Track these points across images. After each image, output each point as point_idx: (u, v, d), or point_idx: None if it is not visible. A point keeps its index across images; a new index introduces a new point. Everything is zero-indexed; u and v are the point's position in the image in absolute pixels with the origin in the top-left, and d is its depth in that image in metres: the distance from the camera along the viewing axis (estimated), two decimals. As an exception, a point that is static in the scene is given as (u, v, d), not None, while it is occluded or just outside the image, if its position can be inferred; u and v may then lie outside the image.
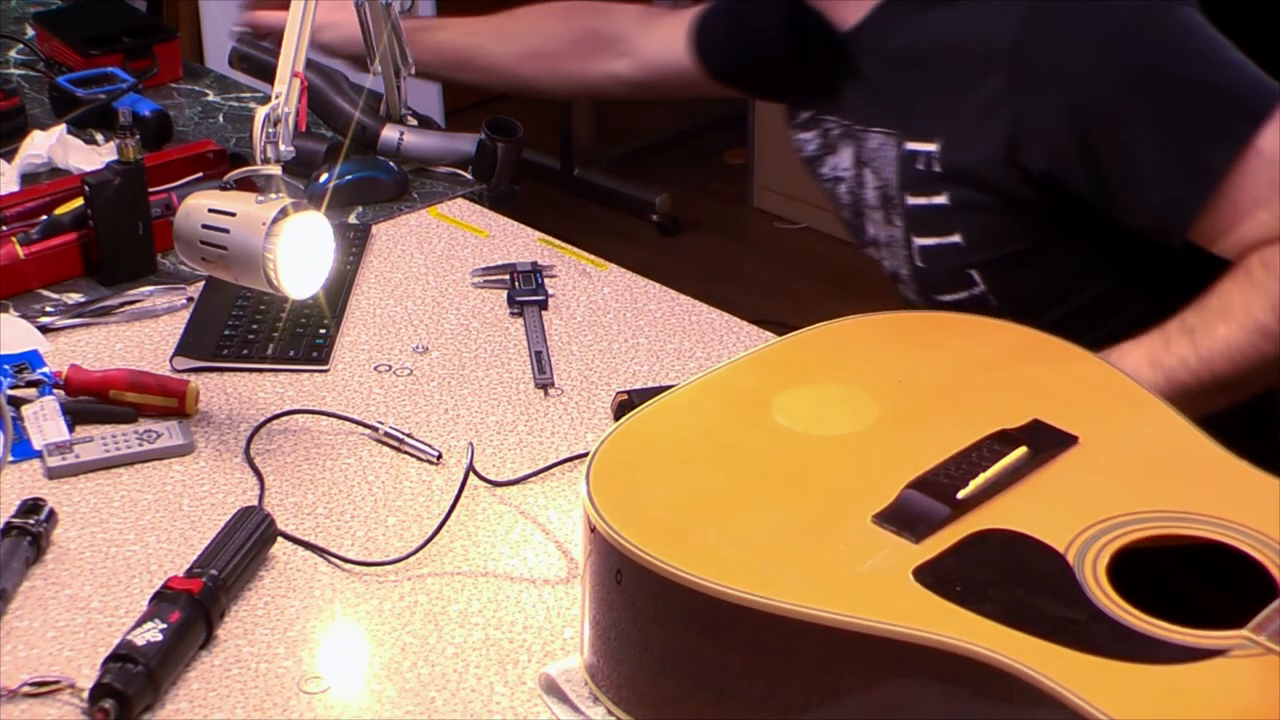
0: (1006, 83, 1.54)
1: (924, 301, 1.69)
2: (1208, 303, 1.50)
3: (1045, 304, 1.62)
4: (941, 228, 1.63)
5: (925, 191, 1.62)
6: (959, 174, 1.59)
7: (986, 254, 1.62)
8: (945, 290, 1.65)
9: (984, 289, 1.63)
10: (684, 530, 1.11)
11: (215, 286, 1.66)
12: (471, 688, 1.19)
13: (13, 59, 2.24)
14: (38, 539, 1.30)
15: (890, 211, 1.67)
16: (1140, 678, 0.98)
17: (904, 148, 1.63)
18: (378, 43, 1.87)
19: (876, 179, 1.67)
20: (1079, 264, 1.62)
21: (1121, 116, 1.51)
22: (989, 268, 1.62)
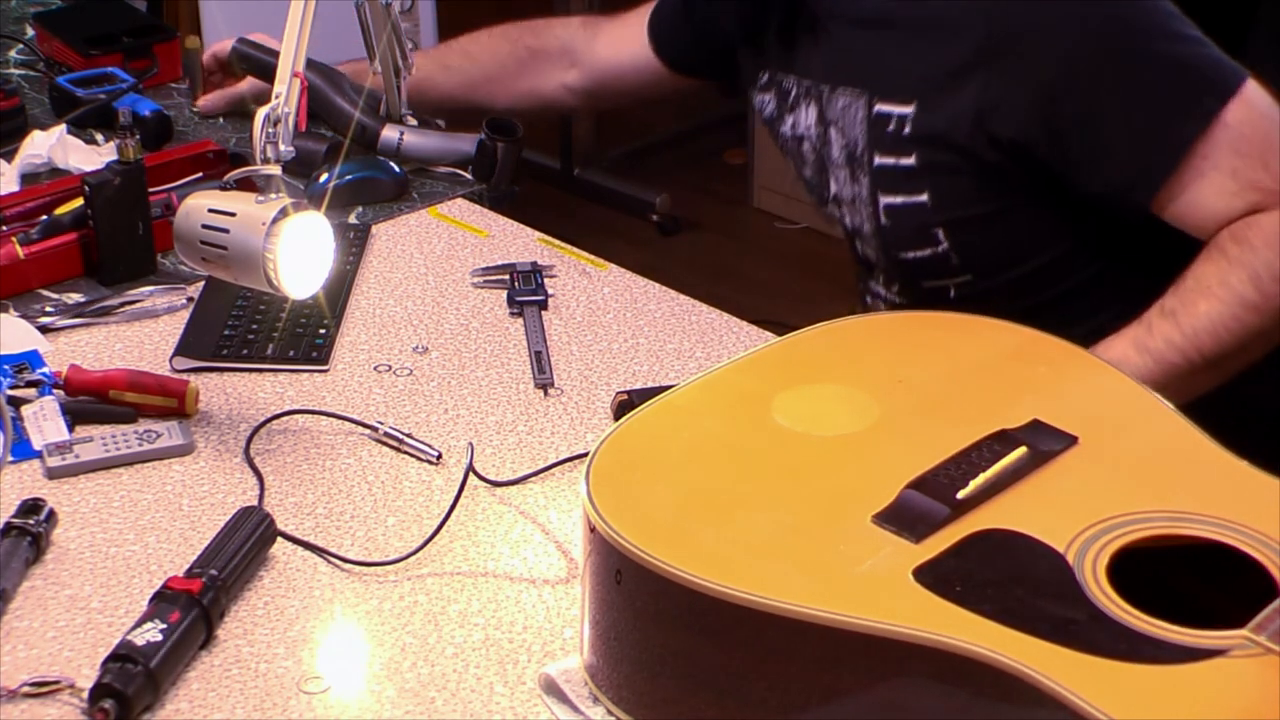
0: (976, 48, 1.57)
1: (883, 258, 1.71)
2: (1183, 285, 1.53)
3: (1005, 264, 1.66)
4: (909, 187, 1.65)
5: (894, 152, 1.64)
6: (929, 137, 1.61)
7: (952, 214, 1.64)
8: (908, 248, 1.68)
9: (946, 247, 1.65)
10: (684, 530, 1.11)
11: (215, 286, 1.66)
12: (471, 688, 1.19)
13: (13, 59, 2.24)
14: (38, 539, 1.30)
15: (856, 169, 1.68)
16: (1140, 678, 0.98)
17: (874, 109, 1.65)
18: (378, 43, 1.87)
19: (842, 138, 1.69)
20: (1041, 227, 1.65)
21: (1090, 86, 1.54)
22: (953, 227, 1.65)
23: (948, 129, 1.59)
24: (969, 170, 1.61)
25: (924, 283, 1.71)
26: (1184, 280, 1.54)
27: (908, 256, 1.68)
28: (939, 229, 1.65)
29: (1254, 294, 1.50)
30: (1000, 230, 1.65)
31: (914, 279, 1.71)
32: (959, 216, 1.64)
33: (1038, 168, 1.58)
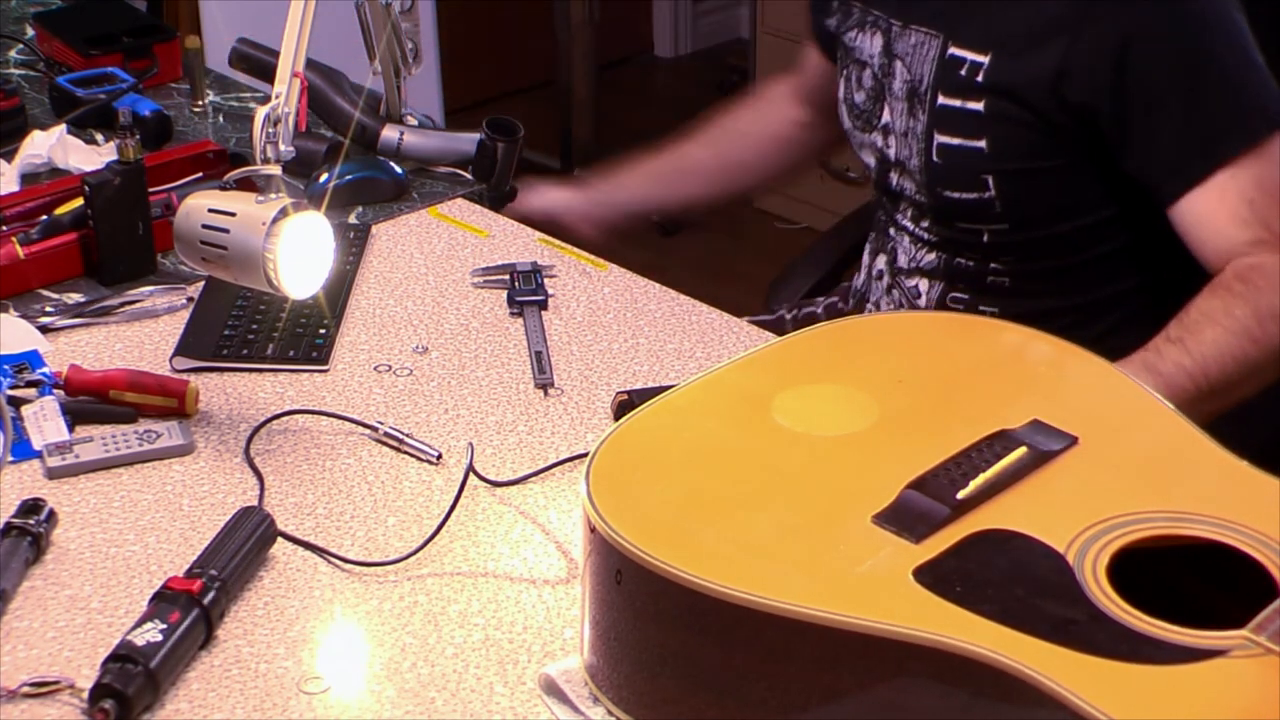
0: (1063, 12, 1.61)
1: (925, 194, 1.74)
2: (1188, 315, 1.57)
3: (1045, 220, 1.71)
4: (969, 132, 1.69)
5: (961, 96, 1.68)
6: (1002, 89, 1.66)
7: (1007, 164, 1.68)
8: (955, 188, 1.71)
9: (993, 194, 1.69)
10: (684, 530, 1.11)
11: (215, 286, 1.66)
12: (471, 688, 1.19)
13: (13, 59, 2.24)
14: (38, 539, 1.30)
15: (916, 105, 1.72)
16: (1140, 678, 0.98)
17: (948, 52, 1.69)
18: (378, 43, 1.87)
19: (908, 73, 1.72)
20: (1089, 191, 1.69)
21: (1161, 73, 1.59)
22: (1004, 176, 1.69)
23: (1024, 84, 1.64)
24: (1034, 126, 1.65)
25: (960, 223, 1.74)
26: (1188, 312, 1.57)
27: (952, 196, 1.72)
28: (990, 175, 1.69)
29: (1257, 328, 1.55)
30: (1049, 188, 1.70)
31: (951, 218, 1.75)
32: (1013, 168, 1.68)
33: (1098, 134, 1.63)
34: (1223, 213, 1.59)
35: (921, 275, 1.80)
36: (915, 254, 1.80)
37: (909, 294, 1.82)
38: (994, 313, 1.74)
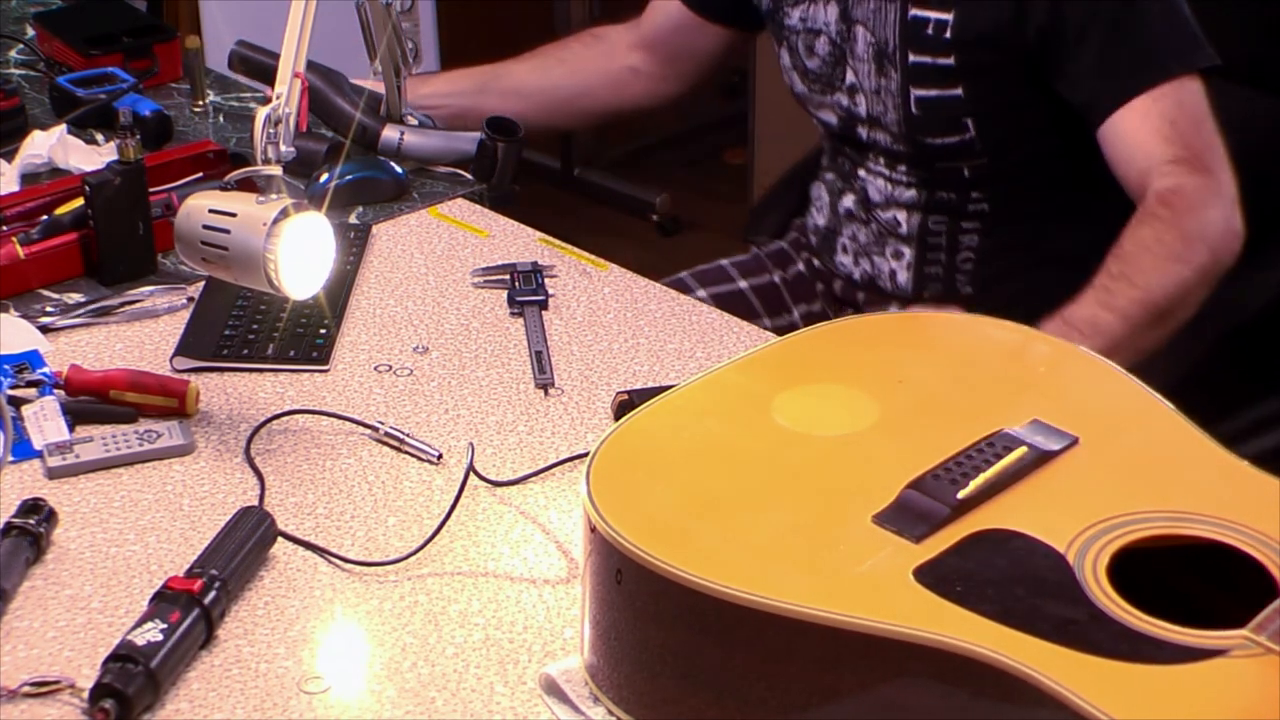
0: None
1: (905, 144, 1.83)
2: (1123, 249, 1.69)
3: (1024, 148, 1.84)
4: (945, 82, 1.78)
5: (931, 53, 1.77)
6: (971, 41, 1.74)
7: (986, 105, 1.78)
8: (936, 135, 1.82)
9: (973, 135, 1.80)
10: (684, 530, 1.11)
11: (215, 286, 1.66)
12: (471, 688, 1.19)
13: (13, 59, 2.24)
14: (38, 539, 1.30)
15: (886, 64, 1.80)
16: (1140, 678, 0.98)
17: (909, 14, 1.76)
18: (378, 43, 1.87)
19: (871, 36, 1.80)
20: (1059, 111, 1.79)
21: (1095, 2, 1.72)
22: (984, 116, 1.79)
23: (990, 31, 1.73)
24: (1006, 66, 1.75)
25: (940, 163, 1.84)
26: (1123, 245, 1.69)
27: (934, 142, 1.82)
28: (970, 119, 1.79)
29: (1186, 250, 1.67)
30: (1027, 118, 1.81)
31: (931, 160, 1.84)
32: (991, 108, 1.79)
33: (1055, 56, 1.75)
34: (1145, 130, 1.70)
35: (899, 208, 1.89)
36: (891, 191, 1.89)
37: (887, 225, 1.90)
38: (974, 236, 1.87)
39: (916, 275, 1.90)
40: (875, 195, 1.89)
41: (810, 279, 2.04)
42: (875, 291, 1.94)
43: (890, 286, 1.92)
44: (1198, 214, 1.67)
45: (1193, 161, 1.69)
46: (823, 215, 1.98)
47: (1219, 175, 1.70)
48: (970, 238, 1.87)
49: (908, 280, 1.90)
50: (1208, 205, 1.68)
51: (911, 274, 1.90)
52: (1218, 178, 1.69)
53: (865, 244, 1.93)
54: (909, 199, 1.87)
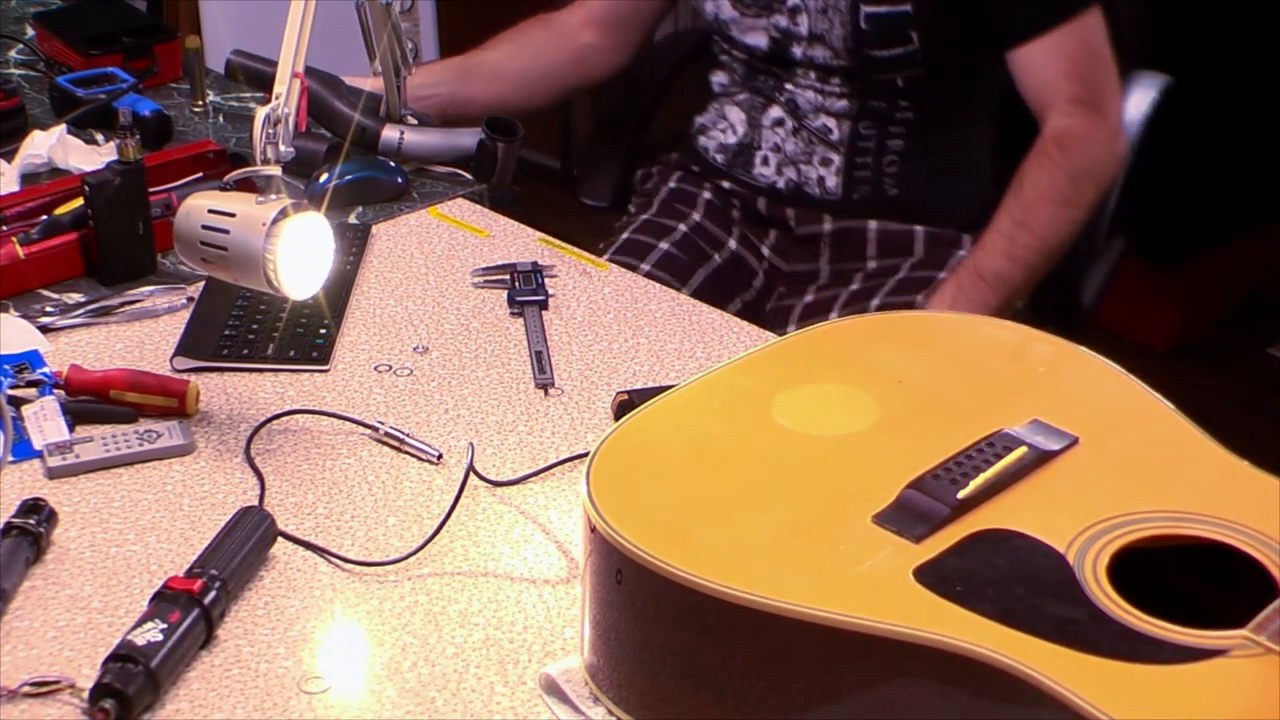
0: None
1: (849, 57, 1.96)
2: (1023, 192, 1.90)
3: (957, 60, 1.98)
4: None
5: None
6: None
7: (932, 18, 1.92)
8: (881, 48, 1.95)
9: (917, 46, 1.94)
10: (684, 530, 1.11)
11: (215, 286, 1.66)
12: (472, 688, 1.19)
13: (13, 59, 2.24)
14: (38, 539, 1.30)
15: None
16: (1140, 678, 0.98)
17: None
18: (378, 43, 1.87)
19: None
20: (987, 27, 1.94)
21: None
22: (930, 29, 1.93)
23: None
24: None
25: (877, 75, 1.98)
26: (1022, 187, 1.90)
27: (879, 54, 1.96)
28: (916, 32, 1.93)
29: (1075, 194, 1.90)
30: (964, 28, 1.94)
31: (869, 73, 1.98)
32: (937, 21, 1.92)
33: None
34: (1052, 68, 1.90)
35: (830, 116, 2.02)
36: (822, 101, 2.01)
37: (817, 133, 2.03)
38: (899, 141, 2.02)
39: (846, 180, 2.03)
40: (805, 105, 2.02)
41: (723, 207, 2.12)
42: (803, 201, 2.06)
43: (819, 192, 2.05)
44: (1088, 154, 1.91)
45: (1089, 101, 1.91)
46: (734, 134, 2.09)
47: (1109, 110, 1.93)
48: (896, 143, 2.01)
49: (837, 185, 2.04)
50: (1097, 143, 1.92)
51: (841, 179, 2.03)
52: (1108, 114, 1.93)
53: (792, 153, 2.05)
54: (840, 108, 2.00)
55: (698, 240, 2.08)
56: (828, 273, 2.08)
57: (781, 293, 2.10)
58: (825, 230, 2.06)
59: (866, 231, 2.05)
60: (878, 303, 2.00)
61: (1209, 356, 3.35)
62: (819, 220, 2.06)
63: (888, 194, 2.03)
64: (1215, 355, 3.36)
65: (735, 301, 2.08)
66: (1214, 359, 3.35)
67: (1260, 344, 3.40)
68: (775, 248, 2.11)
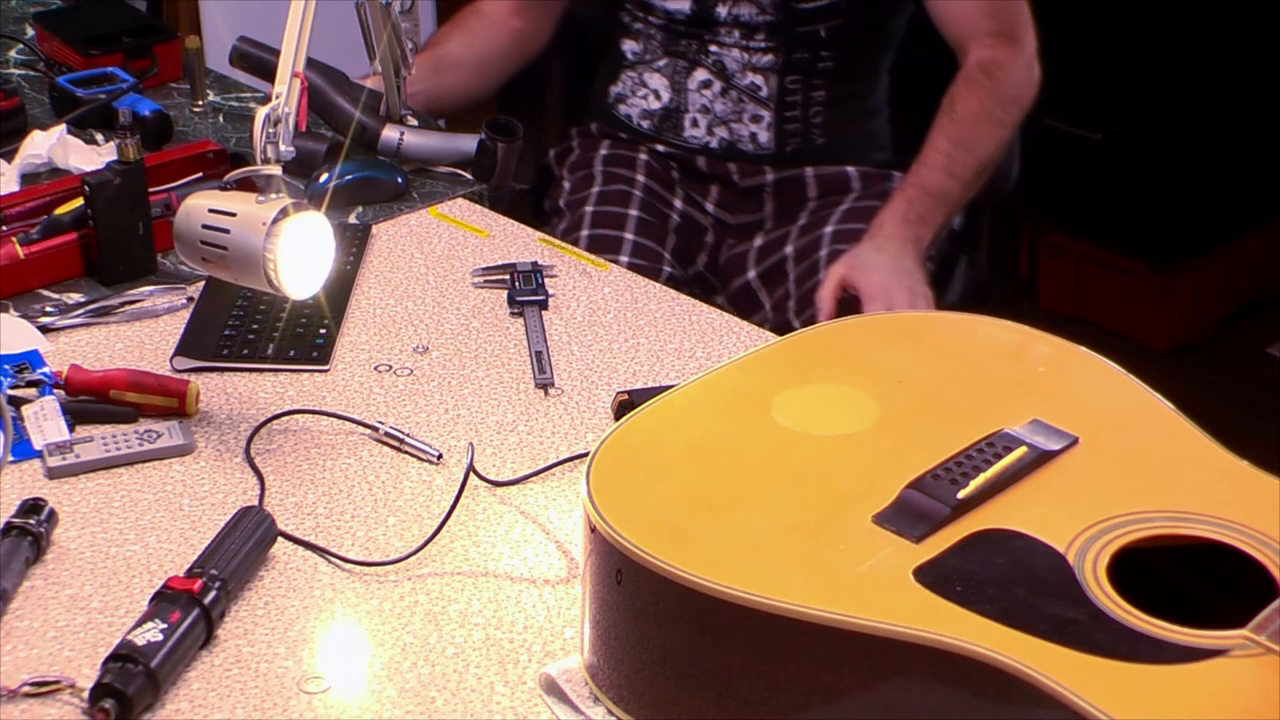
0: None
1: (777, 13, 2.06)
2: (958, 116, 2.04)
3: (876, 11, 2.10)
4: None
5: None
6: None
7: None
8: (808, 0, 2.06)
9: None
10: (684, 530, 1.11)
11: (215, 286, 1.66)
12: (472, 688, 1.19)
13: (13, 59, 2.24)
14: (38, 539, 1.30)
15: None
16: (1140, 678, 0.98)
17: None
18: (378, 43, 1.87)
19: None
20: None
21: None
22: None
23: None
24: None
25: (800, 28, 2.07)
26: (955, 111, 2.04)
27: (804, 7, 2.06)
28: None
29: (1003, 113, 2.05)
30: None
31: (794, 26, 2.07)
32: None
33: None
34: (971, 5, 2.05)
35: (757, 73, 2.09)
36: (748, 59, 2.09)
37: (747, 91, 2.10)
38: (822, 91, 2.11)
39: (778, 134, 2.12)
40: (732, 65, 2.09)
41: (662, 169, 2.17)
42: (740, 157, 2.14)
43: (752, 148, 2.13)
44: (1012, 80, 2.05)
45: (1007, 34, 2.05)
46: (658, 100, 2.15)
47: (1025, 42, 2.07)
48: (820, 93, 2.11)
49: (769, 139, 2.12)
50: (1018, 70, 2.06)
51: (773, 133, 2.12)
52: (1024, 45, 2.07)
53: (722, 113, 2.12)
54: (767, 64, 2.08)
55: (654, 203, 2.14)
56: (773, 219, 2.16)
57: (730, 244, 2.18)
58: (767, 181, 2.15)
59: (805, 177, 2.15)
60: (831, 229, 2.09)
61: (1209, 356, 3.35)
62: (760, 173, 2.15)
63: (816, 143, 2.13)
64: (1215, 355, 3.36)
65: (698, 261, 2.15)
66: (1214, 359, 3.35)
67: (1260, 344, 3.40)
68: (719, 202, 2.18)
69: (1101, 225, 3.36)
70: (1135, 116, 3.26)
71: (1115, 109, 3.27)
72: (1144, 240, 3.31)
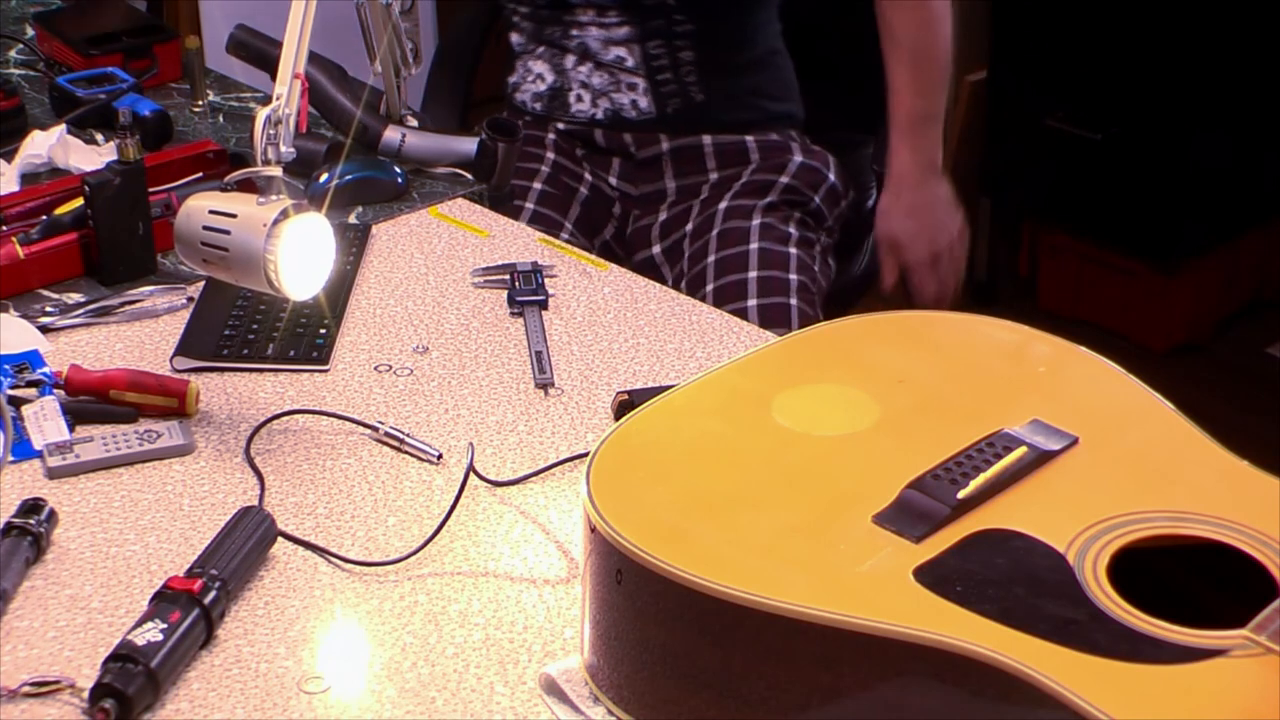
0: None
1: None
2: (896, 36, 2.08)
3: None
4: None
5: None
6: None
7: None
8: None
9: None
10: (684, 530, 1.11)
11: (215, 286, 1.66)
12: (472, 688, 1.19)
13: (13, 59, 2.24)
14: (38, 539, 1.30)
15: None
16: (1140, 678, 0.98)
17: None
18: (378, 43, 1.87)
19: None
20: None
21: None
22: None
23: None
24: None
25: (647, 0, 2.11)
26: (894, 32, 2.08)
27: None
28: None
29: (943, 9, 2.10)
30: None
31: None
32: None
33: None
34: None
35: (619, 46, 2.14)
36: (608, 34, 2.14)
37: (615, 65, 2.15)
38: (689, 52, 2.13)
39: (655, 98, 2.15)
40: (594, 44, 2.14)
41: (569, 146, 2.22)
42: (630, 127, 2.18)
43: (635, 115, 2.17)
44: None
45: None
46: (544, 82, 2.20)
47: None
48: (686, 54, 2.14)
49: (650, 104, 2.16)
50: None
51: (651, 98, 2.16)
52: None
53: (600, 87, 2.17)
54: (625, 36, 2.13)
55: (561, 176, 2.19)
56: (674, 190, 2.19)
57: (636, 215, 2.22)
58: (664, 150, 2.18)
59: (703, 146, 2.18)
60: (725, 206, 2.13)
61: (1209, 356, 3.35)
62: (655, 141, 2.18)
63: (696, 100, 2.16)
64: (1215, 355, 3.36)
65: (605, 232, 2.21)
66: (1214, 359, 3.35)
67: (1260, 344, 3.40)
68: (620, 175, 2.21)
69: (1101, 225, 3.36)
70: (1135, 116, 3.26)
71: (1115, 109, 3.27)
72: (1144, 240, 3.31)
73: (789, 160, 2.17)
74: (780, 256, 2.08)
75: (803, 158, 2.19)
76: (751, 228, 2.10)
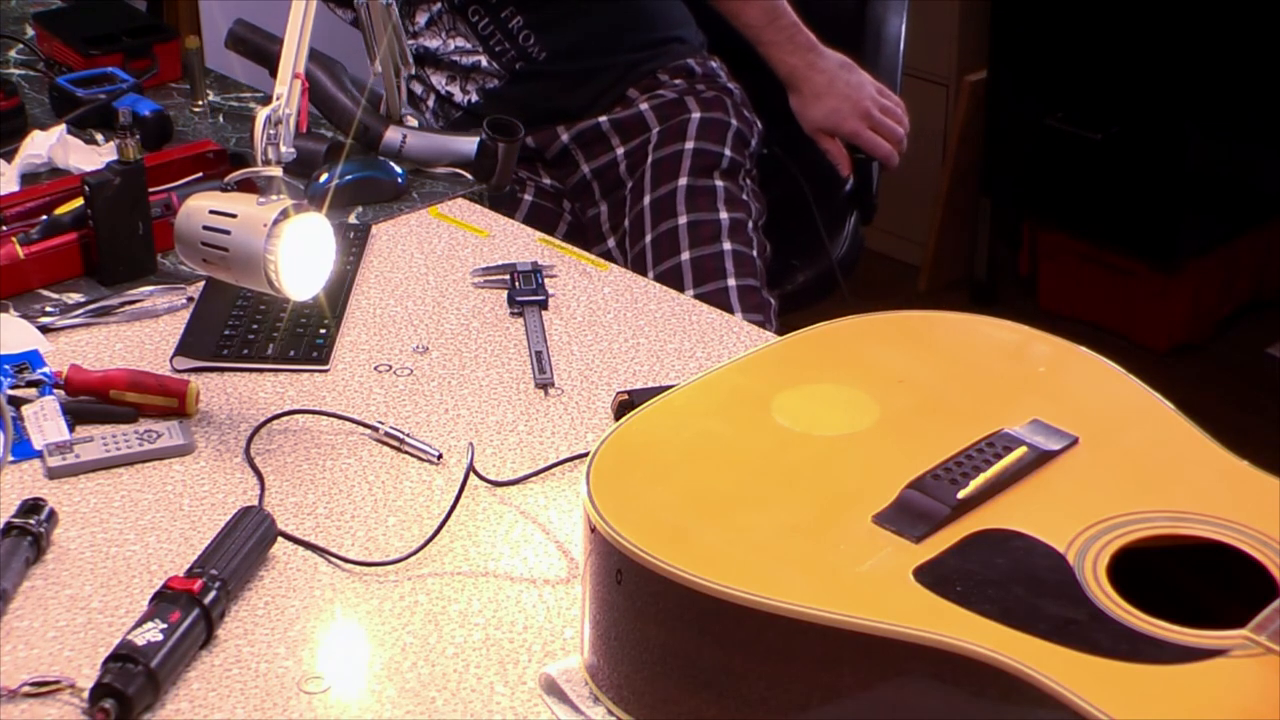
0: None
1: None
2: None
3: None
4: None
5: None
6: None
7: None
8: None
9: None
10: (684, 530, 1.11)
11: (215, 286, 1.66)
12: (471, 688, 1.19)
13: (13, 59, 2.24)
14: (38, 539, 1.30)
15: None
16: (1140, 678, 0.98)
17: None
18: (378, 43, 1.87)
19: None
20: None
21: None
22: None
23: None
24: None
25: None
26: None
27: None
28: None
29: None
30: None
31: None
32: None
33: None
34: None
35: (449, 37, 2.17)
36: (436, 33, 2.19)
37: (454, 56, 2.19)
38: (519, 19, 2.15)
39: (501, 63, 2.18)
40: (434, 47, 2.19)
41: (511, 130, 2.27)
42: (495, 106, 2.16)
43: (497, 84, 2.20)
44: None
45: None
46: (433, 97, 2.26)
47: None
48: (515, 21, 2.16)
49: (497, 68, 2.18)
50: None
51: (498, 63, 2.18)
52: None
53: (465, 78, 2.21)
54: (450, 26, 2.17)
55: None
56: (591, 174, 2.21)
57: (576, 208, 2.24)
58: (564, 141, 2.20)
59: (601, 126, 2.19)
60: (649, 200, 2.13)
61: (1209, 356, 3.35)
62: (554, 136, 2.20)
63: (539, 59, 2.18)
64: (1215, 355, 3.36)
65: (562, 225, 2.23)
66: (1214, 359, 3.35)
67: (1260, 344, 3.40)
68: (547, 172, 2.24)
69: (1101, 225, 3.36)
70: (1135, 116, 3.26)
71: (1115, 109, 3.27)
72: (1144, 240, 3.31)
73: (687, 121, 2.15)
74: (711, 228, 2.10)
75: (700, 112, 2.16)
76: (679, 227, 2.10)
